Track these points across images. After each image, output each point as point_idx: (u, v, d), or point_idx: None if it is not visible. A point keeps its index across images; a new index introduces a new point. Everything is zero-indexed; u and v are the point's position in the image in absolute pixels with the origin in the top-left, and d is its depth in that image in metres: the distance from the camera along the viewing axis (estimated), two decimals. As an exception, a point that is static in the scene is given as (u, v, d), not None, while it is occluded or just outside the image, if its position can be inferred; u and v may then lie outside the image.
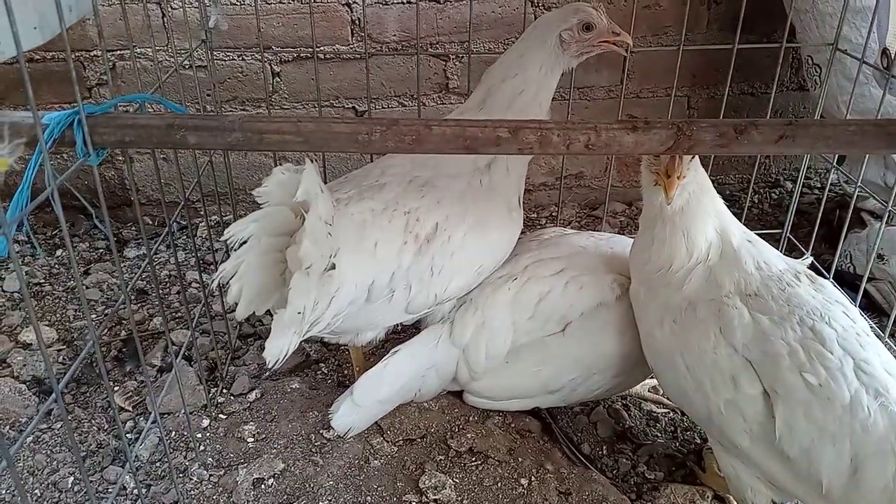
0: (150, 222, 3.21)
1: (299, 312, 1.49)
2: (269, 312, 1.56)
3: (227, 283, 1.45)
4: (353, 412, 1.90)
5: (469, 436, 1.96)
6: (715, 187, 1.87)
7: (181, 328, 2.45)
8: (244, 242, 1.47)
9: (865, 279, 2.28)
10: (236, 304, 1.48)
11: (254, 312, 1.52)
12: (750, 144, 1.39)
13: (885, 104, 2.24)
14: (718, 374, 1.67)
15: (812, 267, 1.91)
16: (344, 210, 1.76)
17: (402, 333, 2.20)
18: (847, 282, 2.51)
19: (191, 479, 1.83)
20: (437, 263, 1.85)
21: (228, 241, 1.45)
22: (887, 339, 2.04)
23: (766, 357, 1.62)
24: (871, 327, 1.83)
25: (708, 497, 1.87)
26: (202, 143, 1.37)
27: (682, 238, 1.81)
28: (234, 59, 2.96)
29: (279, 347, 1.54)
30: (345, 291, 1.69)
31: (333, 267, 1.57)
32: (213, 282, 1.51)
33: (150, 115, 1.44)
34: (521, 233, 2.11)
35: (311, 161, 1.50)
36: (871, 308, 2.56)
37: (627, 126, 1.40)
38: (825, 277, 1.90)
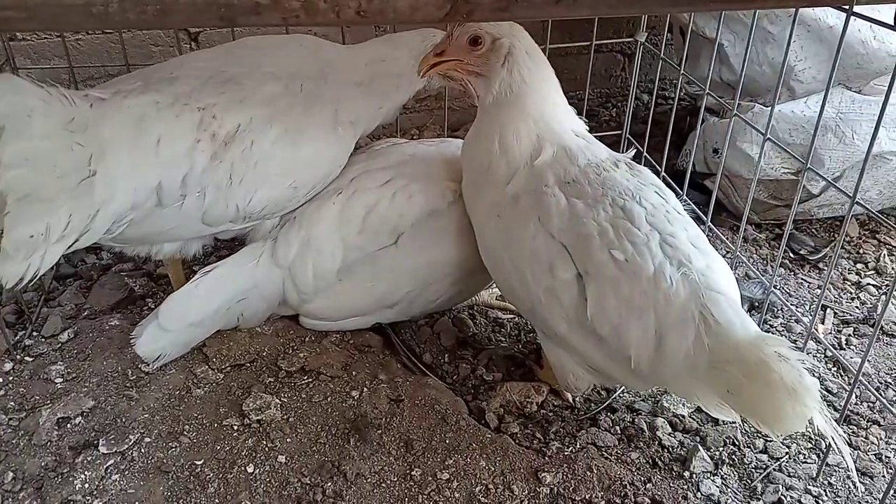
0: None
1: (31, 237, 1.35)
2: None
3: None
4: (160, 337, 1.78)
5: (302, 355, 1.89)
6: (573, 103, 1.82)
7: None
8: None
9: (690, 166, 2.30)
10: None
11: None
12: (530, 7, 1.33)
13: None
14: (538, 264, 1.65)
15: (647, 164, 1.91)
16: (119, 103, 1.60)
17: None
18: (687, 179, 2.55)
19: (-13, 426, 1.68)
20: (237, 171, 1.71)
21: None
22: (709, 224, 2.07)
23: (578, 239, 1.60)
24: (692, 212, 1.84)
25: (543, 391, 1.86)
26: None
27: (495, 135, 1.75)
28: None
29: (14, 273, 1.38)
30: (121, 194, 1.54)
31: (94, 174, 1.42)
32: None
33: None
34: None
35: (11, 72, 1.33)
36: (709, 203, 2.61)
37: (401, -9, 1.31)
38: (657, 174, 1.88)
